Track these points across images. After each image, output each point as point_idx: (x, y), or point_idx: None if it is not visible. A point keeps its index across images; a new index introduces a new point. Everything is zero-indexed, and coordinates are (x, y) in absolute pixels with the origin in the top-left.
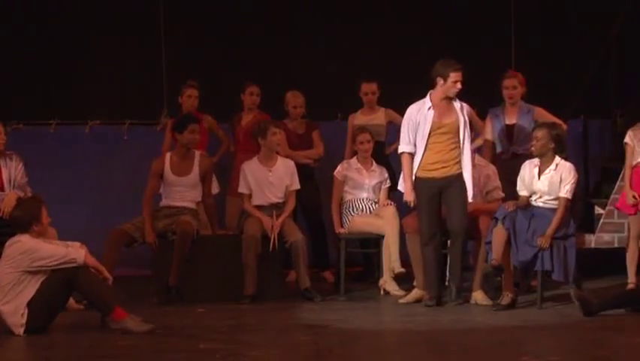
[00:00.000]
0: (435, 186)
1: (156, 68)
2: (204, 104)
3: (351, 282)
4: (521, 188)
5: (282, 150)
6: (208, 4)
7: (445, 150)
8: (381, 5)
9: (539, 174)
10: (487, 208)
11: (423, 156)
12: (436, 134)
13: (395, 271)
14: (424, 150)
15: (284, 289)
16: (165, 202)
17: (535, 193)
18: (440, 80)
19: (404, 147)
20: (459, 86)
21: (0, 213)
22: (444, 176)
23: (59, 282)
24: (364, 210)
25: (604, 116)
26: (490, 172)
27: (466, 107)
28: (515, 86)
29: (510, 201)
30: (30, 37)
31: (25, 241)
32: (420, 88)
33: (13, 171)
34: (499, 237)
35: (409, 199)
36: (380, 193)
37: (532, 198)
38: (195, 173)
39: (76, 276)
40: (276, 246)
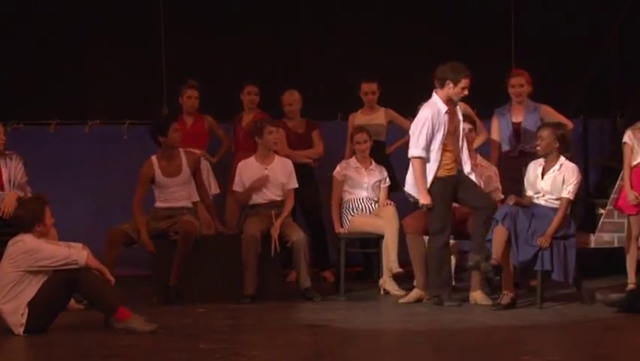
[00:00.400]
0: (453, 182)
1: (156, 68)
2: (204, 104)
3: (351, 282)
4: (527, 188)
5: (281, 150)
6: (208, 4)
7: (457, 150)
8: (382, 5)
9: (543, 174)
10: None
11: (442, 157)
12: (449, 136)
13: (393, 271)
14: (442, 151)
15: (284, 289)
16: (162, 204)
17: (538, 192)
18: (450, 84)
19: (418, 151)
20: (466, 92)
21: (0, 213)
22: (456, 173)
23: (61, 283)
24: (364, 209)
25: (604, 116)
26: (492, 173)
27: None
28: (522, 85)
29: (513, 195)
30: (30, 37)
31: (28, 240)
32: (420, 88)
33: (13, 170)
34: (499, 236)
35: (426, 202)
36: (380, 192)
37: (535, 197)
38: (186, 170)
39: (78, 277)
40: (278, 248)
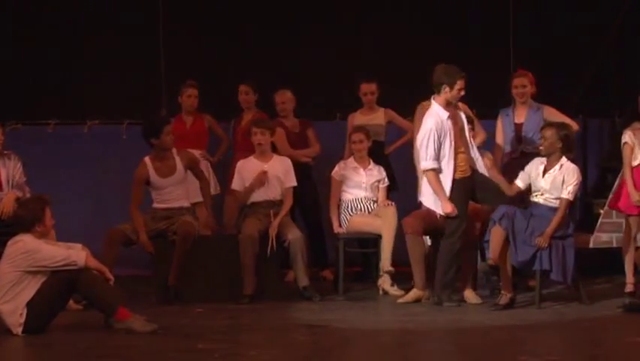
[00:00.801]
0: (469, 184)
1: (156, 68)
2: (204, 104)
3: (350, 282)
4: (520, 179)
5: (282, 150)
6: (208, 4)
7: (468, 150)
8: (382, 5)
9: (544, 173)
10: (483, 210)
11: (456, 160)
12: (457, 139)
13: (384, 269)
14: (455, 155)
15: (282, 288)
16: (159, 205)
17: (538, 190)
18: (446, 88)
19: (429, 163)
20: (463, 93)
21: None
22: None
23: (60, 283)
24: (363, 209)
25: (603, 116)
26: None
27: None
28: (525, 85)
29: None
30: (29, 37)
31: (28, 241)
32: (419, 88)
33: (11, 170)
34: (496, 236)
35: (450, 211)
36: (379, 192)
37: (534, 195)
38: (180, 169)
39: (78, 278)
40: (274, 247)
